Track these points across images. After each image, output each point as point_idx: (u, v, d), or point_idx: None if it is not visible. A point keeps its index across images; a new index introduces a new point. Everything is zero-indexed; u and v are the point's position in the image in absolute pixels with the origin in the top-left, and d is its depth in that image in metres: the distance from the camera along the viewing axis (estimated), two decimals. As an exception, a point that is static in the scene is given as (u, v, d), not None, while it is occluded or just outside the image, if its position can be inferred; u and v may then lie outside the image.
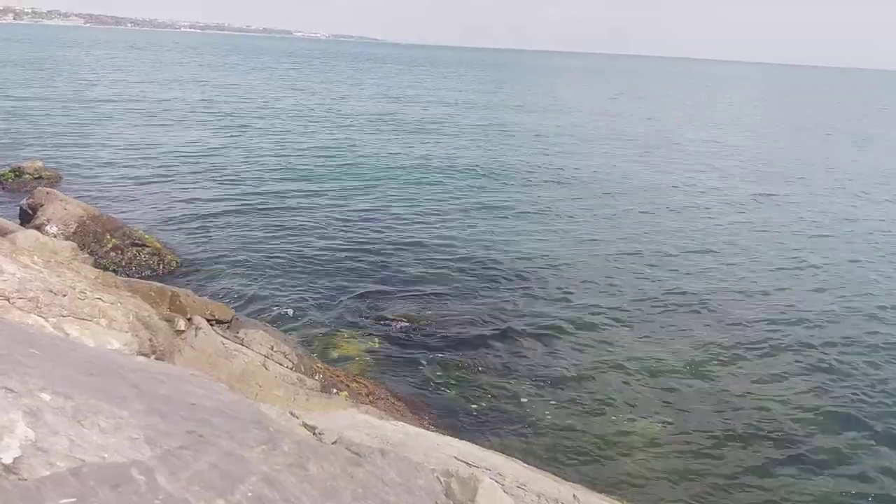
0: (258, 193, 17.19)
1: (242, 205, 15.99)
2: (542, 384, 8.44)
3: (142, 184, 17.30)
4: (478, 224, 15.65)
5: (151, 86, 44.60)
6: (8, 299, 4.12)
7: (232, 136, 26.35)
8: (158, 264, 11.53)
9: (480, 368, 8.75)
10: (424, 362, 8.82)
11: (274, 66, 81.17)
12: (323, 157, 23.09)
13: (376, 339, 9.34)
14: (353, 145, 25.91)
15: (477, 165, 23.05)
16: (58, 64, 58.94)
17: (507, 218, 16.41)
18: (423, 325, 9.92)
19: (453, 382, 8.36)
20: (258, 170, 20.17)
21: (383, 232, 14.56)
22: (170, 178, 18.13)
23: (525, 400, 8.05)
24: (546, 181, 21.18)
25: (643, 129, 37.03)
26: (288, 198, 16.99)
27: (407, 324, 9.93)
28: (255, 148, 23.86)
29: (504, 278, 12.10)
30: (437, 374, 8.55)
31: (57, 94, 35.79)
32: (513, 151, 26.60)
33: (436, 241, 14.14)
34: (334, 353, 8.86)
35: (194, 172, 19.06)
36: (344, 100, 44.61)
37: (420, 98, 49.38)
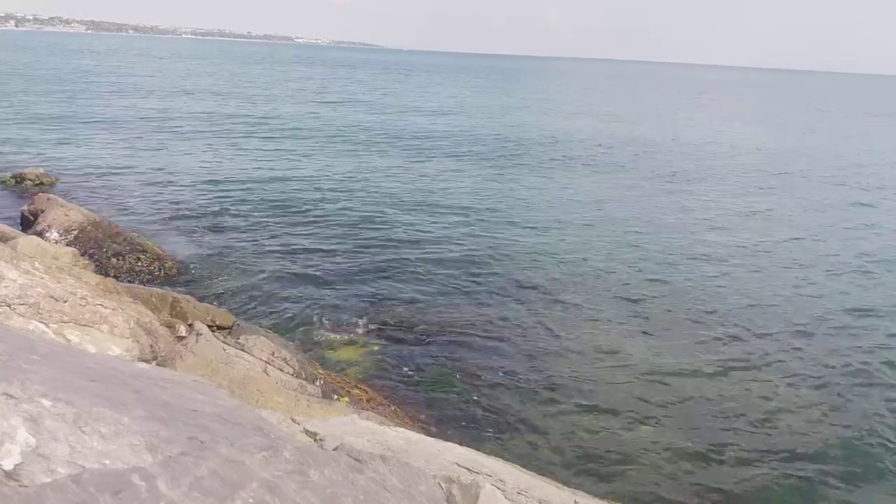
0: (259, 200, 17.21)
1: (243, 211, 16.01)
2: (543, 390, 8.43)
3: (143, 190, 17.33)
4: (482, 229, 15.65)
5: (153, 96, 44.73)
6: (9, 305, 4.13)
7: (232, 144, 26.41)
8: (159, 270, 11.54)
9: (481, 374, 8.74)
10: (425, 368, 8.81)
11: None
12: (323, 164, 23.15)
13: (377, 345, 9.33)
14: (358, 154, 25.97)
15: (485, 170, 23.10)
16: (61, 72, 59.13)
17: (512, 223, 16.40)
18: (425, 331, 9.91)
19: (454, 388, 8.35)
20: (259, 177, 20.20)
21: (384, 237, 14.56)
22: (171, 185, 18.16)
23: (526, 406, 8.04)
24: (563, 183, 21.22)
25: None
26: (289, 204, 17.01)
27: (408, 329, 9.92)
28: (256, 156, 23.91)
29: (507, 283, 12.09)
30: (439, 379, 8.54)
31: (60, 101, 35.90)
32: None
33: (438, 246, 14.14)
34: (335, 359, 8.86)
35: (195, 179, 19.08)
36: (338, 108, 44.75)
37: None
